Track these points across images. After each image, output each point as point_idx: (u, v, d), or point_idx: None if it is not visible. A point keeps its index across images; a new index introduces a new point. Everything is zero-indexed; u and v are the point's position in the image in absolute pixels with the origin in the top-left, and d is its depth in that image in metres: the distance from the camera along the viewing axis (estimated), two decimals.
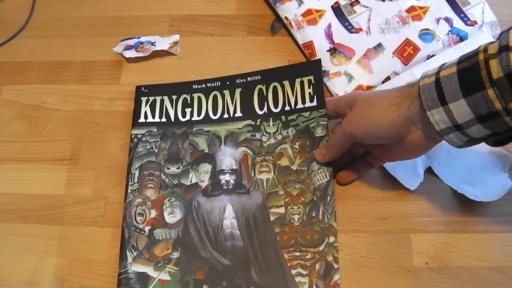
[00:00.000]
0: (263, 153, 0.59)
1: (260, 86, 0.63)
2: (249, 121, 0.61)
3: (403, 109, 0.47)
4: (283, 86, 0.62)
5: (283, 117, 0.61)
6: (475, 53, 0.42)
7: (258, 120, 0.61)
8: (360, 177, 0.58)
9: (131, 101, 0.66)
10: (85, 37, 0.73)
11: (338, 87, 0.65)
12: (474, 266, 0.54)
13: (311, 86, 0.62)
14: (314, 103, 0.60)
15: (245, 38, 0.70)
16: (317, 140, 0.59)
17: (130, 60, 0.69)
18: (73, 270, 0.57)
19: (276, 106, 0.62)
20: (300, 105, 0.61)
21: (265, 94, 0.63)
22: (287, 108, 0.61)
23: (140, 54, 0.68)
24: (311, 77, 0.62)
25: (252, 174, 0.58)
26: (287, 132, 0.60)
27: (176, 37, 0.70)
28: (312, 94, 0.61)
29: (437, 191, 0.58)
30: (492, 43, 0.41)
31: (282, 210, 0.56)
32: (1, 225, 0.60)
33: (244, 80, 0.64)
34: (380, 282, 0.54)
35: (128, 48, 0.69)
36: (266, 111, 0.62)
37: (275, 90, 0.63)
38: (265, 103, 0.62)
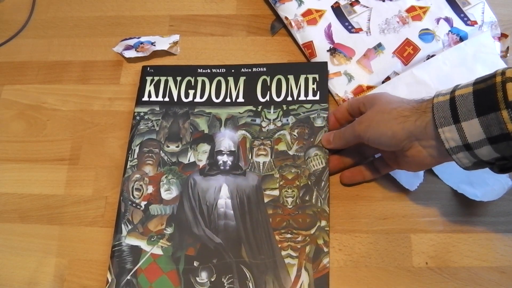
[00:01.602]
0: (262, 137, 0.60)
1: (264, 77, 0.64)
2: (250, 107, 0.63)
3: (409, 123, 0.48)
4: (287, 80, 0.64)
5: (284, 106, 0.62)
6: (492, 76, 0.43)
7: (260, 107, 0.62)
8: (364, 180, 0.59)
9: (131, 101, 0.66)
10: (85, 37, 0.73)
11: (338, 87, 0.65)
12: (474, 266, 0.54)
13: (315, 82, 0.63)
14: (317, 98, 0.62)
15: (245, 38, 0.70)
16: (316, 130, 0.60)
17: (130, 60, 0.69)
18: (73, 270, 0.57)
19: (278, 96, 0.63)
20: (302, 97, 0.62)
21: (268, 84, 0.64)
22: (289, 98, 0.63)
23: (140, 54, 0.68)
24: (316, 76, 0.63)
25: (250, 157, 0.59)
26: (287, 120, 0.61)
27: (176, 37, 0.70)
28: (315, 89, 0.63)
29: (437, 191, 0.58)
30: (510, 68, 0.42)
31: (276, 192, 0.57)
32: (1, 225, 0.61)
33: (249, 70, 0.65)
34: (380, 282, 0.54)
35: (128, 48, 0.69)
36: (268, 99, 0.63)
37: (279, 82, 0.64)
38: (268, 92, 0.63)
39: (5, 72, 0.71)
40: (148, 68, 0.67)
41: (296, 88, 0.63)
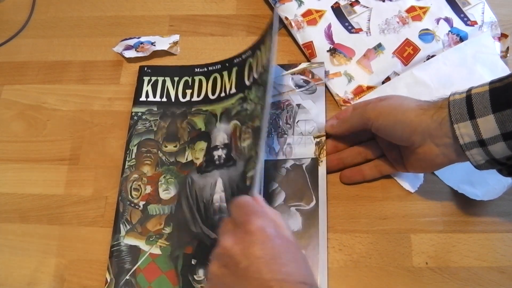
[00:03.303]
0: (247, 121, 0.60)
1: (250, 60, 0.63)
2: (240, 95, 0.62)
3: (427, 116, 0.48)
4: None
5: (260, 80, 0.60)
6: (509, 76, 0.44)
7: (246, 91, 0.62)
8: (364, 180, 0.58)
9: (131, 101, 0.66)
10: (85, 37, 0.73)
11: (338, 87, 0.65)
12: (474, 266, 0.54)
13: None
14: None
15: (245, 38, 0.70)
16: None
17: (130, 60, 0.69)
18: (73, 270, 0.57)
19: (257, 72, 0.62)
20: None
21: (254, 66, 0.63)
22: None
23: (140, 54, 0.68)
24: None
25: (239, 144, 0.59)
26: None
27: (176, 37, 0.70)
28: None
29: (437, 191, 0.58)
30: None
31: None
32: (1, 225, 0.61)
33: (240, 59, 0.65)
34: (380, 282, 0.54)
35: (128, 48, 0.69)
36: (252, 80, 0.62)
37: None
38: (251, 73, 0.62)
39: (5, 72, 0.71)
40: (146, 68, 0.67)
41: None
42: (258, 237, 0.41)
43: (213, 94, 0.64)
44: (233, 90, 0.63)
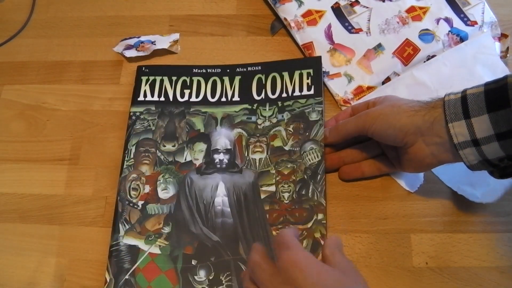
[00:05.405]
0: (258, 135, 0.61)
1: (259, 75, 0.64)
2: (246, 105, 0.63)
3: (418, 117, 0.49)
4: (282, 76, 0.64)
5: (279, 102, 0.63)
6: (504, 77, 0.45)
7: (255, 105, 0.63)
8: (363, 177, 0.58)
9: (131, 101, 0.66)
10: (85, 37, 0.73)
11: (338, 88, 0.65)
12: (474, 266, 0.54)
13: (309, 77, 0.63)
14: (311, 92, 0.62)
15: (245, 38, 0.70)
16: (311, 124, 0.60)
17: (131, 59, 0.69)
18: (73, 270, 0.57)
19: (273, 93, 0.63)
20: (297, 93, 0.63)
21: (263, 82, 0.64)
22: (284, 95, 0.63)
23: (141, 54, 0.68)
24: (310, 70, 0.64)
25: (246, 154, 0.60)
26: (282, 116, 0.62)
27: (176, 36, 0.70)
28: (310, 84, 0.63)
29: (437, 191, 0.58)
30: None
31: (273, 188, 0.58)
32: (1, 225, 0.61)
33: (245, 69, 0.65)
34: (380, 282, 0.54)
35: (128, 47, 0.69)
36: (264, 97, 0.63)
37: (274, 79, 0.64)
38: (263, 90, 0.64)
39: (5, 72, 0.71)
40: (143, 68, 0.67)
41: (291, 84, 0.63)
42: (289, 271, 0.35)
43: (212, 97, 0.64)
44: (236, 98, 0.63)
